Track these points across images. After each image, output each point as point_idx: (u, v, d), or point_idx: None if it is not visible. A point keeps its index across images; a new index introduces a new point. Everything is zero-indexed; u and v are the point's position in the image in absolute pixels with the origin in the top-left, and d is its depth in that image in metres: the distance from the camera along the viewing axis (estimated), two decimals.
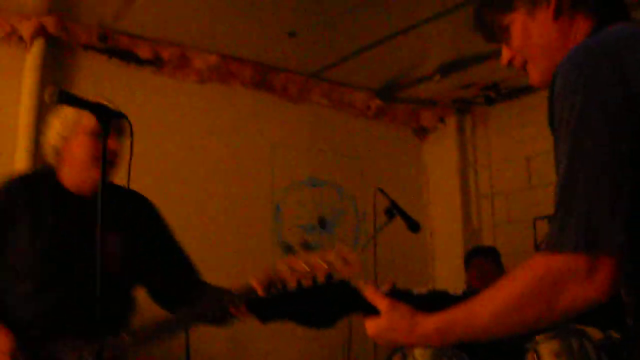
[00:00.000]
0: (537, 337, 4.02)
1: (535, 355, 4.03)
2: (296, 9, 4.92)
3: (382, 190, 4.56)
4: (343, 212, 6.32)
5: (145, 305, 3.30)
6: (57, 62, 4.96)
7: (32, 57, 4.76)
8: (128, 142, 2.99)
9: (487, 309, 1.59)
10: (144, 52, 5.27)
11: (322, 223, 6.14)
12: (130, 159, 2.65)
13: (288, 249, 2.64)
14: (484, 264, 5.53)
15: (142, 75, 5.33)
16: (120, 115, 2.63)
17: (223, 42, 5.47)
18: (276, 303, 1.95)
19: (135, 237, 3.24)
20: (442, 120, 7.04)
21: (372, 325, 1.86)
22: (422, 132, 7.16)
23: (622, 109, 1.45)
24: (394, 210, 4.45)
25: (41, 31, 4.78)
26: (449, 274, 6.68)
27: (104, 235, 3.00)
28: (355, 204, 6.43)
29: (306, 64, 5.97)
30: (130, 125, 2.61)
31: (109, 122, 2.59)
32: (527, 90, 6.34)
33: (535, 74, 1.86)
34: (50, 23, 4.81)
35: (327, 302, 2.00)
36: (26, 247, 3.01)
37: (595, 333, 4.01)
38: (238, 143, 5.66)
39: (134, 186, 2.77)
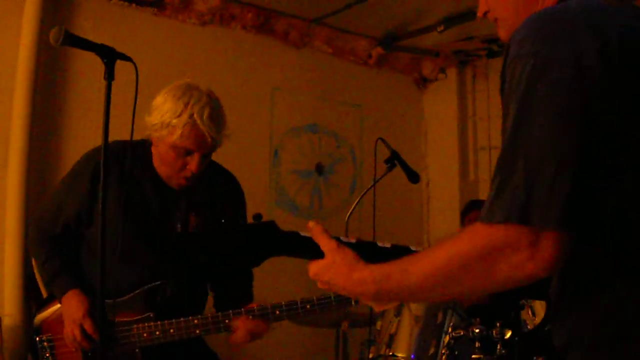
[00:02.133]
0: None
1: (530, 310, 4.05)
2: None
3: (383, 140, 4.53)
4: (341, 160, 6.33)
5: None
6: (58, 2, 4.90)
7: None
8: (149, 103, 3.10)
9: (424, 265, 1.57)
10: None
11: (319, 169, 6.15)
12: (135, 101, 2.64)
13: None
14: None
15: (143, 16, 5.28)
16: (126, 58, 2.62)
17: None
18: (204, 239, 1.93)
19: (217, 220, 3.32)
20: (443, 71, 7.01)
21: (314, 265, 1.84)
22: (422, 82, 7.13)
23: (573, 80, 1.42)
24: (394, 160, 4.44)
25: None
26: (444, 225, 6.69)
27: (186, 216, 3.13)
28: (353, 151, 6.43)
29: (309, 9, 5.90)
30: (136, 68, 2.59)
31: (114, 64, 2.59)
32: None
33: (503, 32, 1.83)
34: None
35: (254, 242, 1.99)
36: (111, 219, 3.06)
37: None
38: (238, 86, 5.64)
39: (136, 127, 2.75)
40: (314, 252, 1.86)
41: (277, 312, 3.10)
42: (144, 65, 2.77)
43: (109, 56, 2.57)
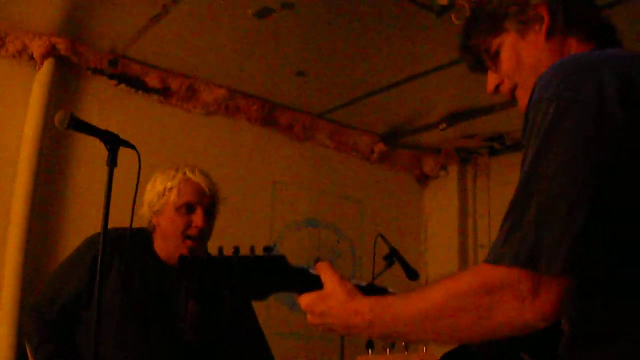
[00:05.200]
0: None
1: None
2: (306, 49, 4.93)
3: (383, 237, 4.53)
4: (340, 255, 6.28)
5: None
6: (66, 84, 4.96)
7: (41, 77, 4.75)
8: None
9: (421, 302, 1.52)
10: (152, 80, 5.27)
11: None
12: (137, 187, 2.64)
13: (369, 345, 2.66)
14: None
15: (148, 103, 5.33)
16: (129, 145, 2.62)
17: (231, 77, 5.47)
18: (212, 266, 1.88)
19: (218, 309, 3.30)
20: (444, 168, 7.04)
21: (307, 296, 1.79)
22: (423, 179, 7.15)
23: (593, 127, 1.38)
24: (393, 256, 4.42)
25: (52, 51, 4.79)
26: None
27: (186, 302, 3.12)
28: (353, 247, 6.40)
29: (313, 103, 5.98)
30: (139, 155, 2.60)
31: (117, 150, 2.60)
32: None
33: (524, 98, 1.74)
34: (61, 44, 4.81)
35: (263, 275, 1.93)
36: (112, 305, 3.06)
37: None
38: (240, 178, 5.64)
39: (137, 213, 2.75)
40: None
41: None
42: (148, 152, 2.77)
43: (113, 143, 2.58)
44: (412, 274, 4.45)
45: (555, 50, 1.77)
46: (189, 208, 3.19)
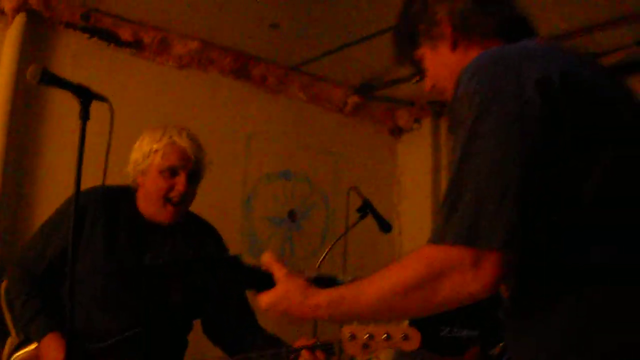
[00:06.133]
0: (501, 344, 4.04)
1: None
2: (279, 0, 4.91)
3: (356, 189, 4.55)
4: (314, 207, 6.32)
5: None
6: (38, 38, 4.91)
7: (12, 32, 4.71)
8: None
9: (374, 290, 1.66)
10: (125, 33, 5.23)
11: (292, 217, 6.13)
12: (110, 141, 2.64)
13: None
14: None
15: (121, 56, 5.30)
16: (102, 99, 2.61)
17: (204, 29, 5.44)
18: (171, 270, 1.91)
19: (199, 278, 3.30)
20: (417, 121, 7.05)
21: (265, 297, 1.90)
22: (397, 132, 7.17)
23: (514, 114, 1.52)
24: (366, 209, 4.45)
25: (23, 6, 4.74)
26: None
27: (169, 285, 3.15)
28: (326, 199, 6.43)
29: (286, 56, 5.96)
30: (112, 108, 2.60)
31: (90, 104, 2.59)
32: None
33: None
34: None
35: (220, 276, 1.99)
36: (95, 264, 3.08)
37: None
38: (213, 131, 5.63)
39: (110, 168, 2.75)
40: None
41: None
42: (121, 106, 2.76)
43: (85, 96, 2.57)
44: (385, 226, 4.49)
45: (462, 58, 1.91)
46: (172, 172, 3.20)
